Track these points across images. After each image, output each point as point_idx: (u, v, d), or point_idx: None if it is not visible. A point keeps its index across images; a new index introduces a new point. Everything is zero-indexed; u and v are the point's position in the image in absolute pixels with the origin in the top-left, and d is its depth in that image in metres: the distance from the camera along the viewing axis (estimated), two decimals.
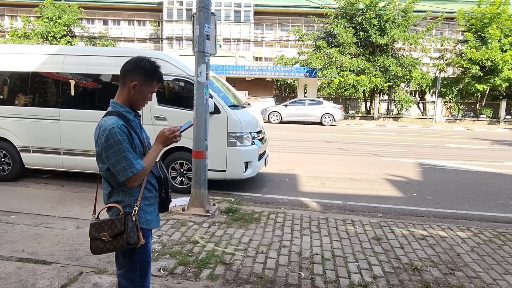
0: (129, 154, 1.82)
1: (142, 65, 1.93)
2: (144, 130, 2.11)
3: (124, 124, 1.85)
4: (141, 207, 1.94)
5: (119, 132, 1.80)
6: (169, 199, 2.12)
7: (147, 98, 1.97)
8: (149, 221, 1.99)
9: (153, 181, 2.02)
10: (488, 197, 6.43)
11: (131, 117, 1.95)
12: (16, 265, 3.27)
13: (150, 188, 2.00)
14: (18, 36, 28.55)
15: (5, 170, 6.39)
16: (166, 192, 2.07)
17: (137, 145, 1.91)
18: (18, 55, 6.37)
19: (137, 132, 1.94)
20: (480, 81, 24.90)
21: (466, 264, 3.67)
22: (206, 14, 4.58)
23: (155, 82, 1.96)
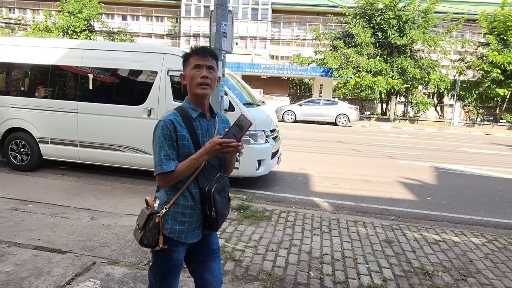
0: (162, 151, 1.70)
1: (183, 56, 1.85)
2: (220, 134, 1.84)
3: (172, 119, 1.72)
4: (171, 212, 1.78)
5: (162, 126, 1.71)
6: (219, 219, 1.81)
7: (194, 75, 1.75)
8: (177, 231, 1.79)
9: (193, 190, 1.79)
10: (504, 204, 6.30)
11: (194, 115, 1.78)
12: (32, 252, 3.36)
13: (187, 196, 1.78)
14: (40, 29, 29.14)
15: (24, 160, 6.56)
16: (210, 209, 1.76)
17: (187, 146, 1.73)
18: (38, 49, 6.52)
19: (196, 134, 1.76)
20: (501, 85, 24.28)
21: (479, 270, 3.61)
22: (224, 12, 4.61)
23: (192, 57, 1.77)
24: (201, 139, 1.77)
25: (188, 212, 1.79)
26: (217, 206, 1.75)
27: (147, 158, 6.06)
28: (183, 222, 1.79)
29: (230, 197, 1.92)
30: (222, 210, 1.81)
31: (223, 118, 1.99)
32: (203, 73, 1.75)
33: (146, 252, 3.52)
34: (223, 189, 1.82)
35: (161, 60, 5.97)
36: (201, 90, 1.76)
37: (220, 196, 1.79)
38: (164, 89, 5.91)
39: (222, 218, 1.84)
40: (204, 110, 1.83)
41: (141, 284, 2.92)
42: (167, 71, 5.92)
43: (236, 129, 1.69)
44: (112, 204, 5.06)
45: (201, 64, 1.75)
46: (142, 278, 3.01)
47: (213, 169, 1.82)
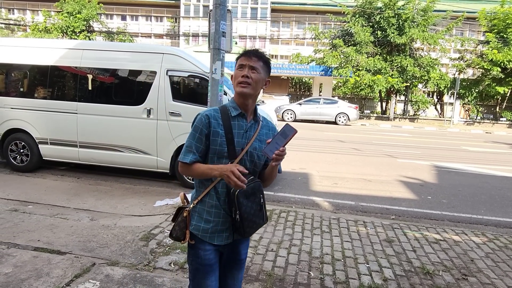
0: (188, 141, 1.75)
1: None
2: (264, 140, 1.81)
3: (209, 114, 1.74)
4: (198, 209, 1.79)
5: (198, 119, 1.75)
6: (246, 225, 1.72)
7: (237, 75, 1.77)
8: (201, 229, 1.78)
9: (220, 189, 1.76)
10: (505, 202, 6.28)
11: (234, 114, 1.77)
12: (32, 254, 3.35)
13: (213, 194, 1.77)
14: (39, 30, 29.11)
15: (24, 161, 6.55)
16: (235, 212, 1.69)
17: (219, 143, 1.72)
18: (37, 49, 6.50)
19: (231, 132, 1.73)
20: (501, 83, 24.27)
21: (480, 270, 3.60)
22: (222, 11, 4.59)
23: (240, 58, 1.79)
24: (237, 139, 1.75)
25: (213, 211, 1.77)
26: (242, 209, 1.68)
27: (147, 159, 6.05)
28: (208, 221, 1.78)
29: (263, 204, 1.80)
30: (249, 216, 1.71)
31: (269, 124, 1.93)
32: (244, 72, 1.74)
33: (146, 253, 3.51)
34: (252, 193, 1.72)
35: (160, 60, 5.96)
36: (240, 88, 1.74)
37: (249, 200, 1.70)
38: (164, 89, 5.89)
39: (251, 225, 1.74)
40: (246, 110, 1.81)
41: (140, 285, 2.91)
42: (166, 71, 5.90)
43: (280, 137, 1.66)
44: (112, 205, 5.05)
45: (244, 64, 1.75)
46: (142, 279, 3.00)
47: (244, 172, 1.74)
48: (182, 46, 37.97)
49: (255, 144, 1.79)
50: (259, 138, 1.82)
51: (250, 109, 1.83)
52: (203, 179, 1.79)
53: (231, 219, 1.74)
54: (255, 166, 1.82)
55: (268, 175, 1.87)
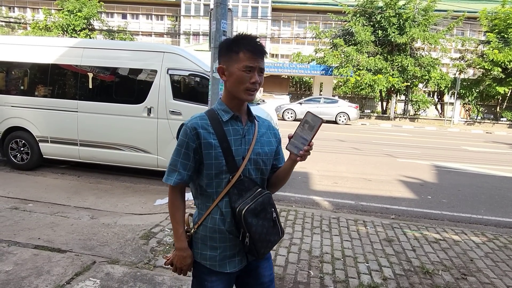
0: (172, 158, 1.50)
1: (223, 43, 1.54)
2: (266, 142, 1.60)
3: (195, 125, 1.47)
4: (200, 236, 1.54)
5: (182, 132, 1.49)
6: (259, 246, 1.48)
7: (243, 78, 1.44)
8: (208, 258, 1.53)
9: (224, 209, 1.50)
10: (505, 202, 6.29)
11: (225, 118, 1.50)
12: (32, 252, 3.36)
13: (215, 217, 1.51)
14: (39, 28, 29.07)
15: (24, 159, 6.56)
16: (244, 234, 1.45)
17: (214, 156, 1.46)
18: (38, 47, 6.51)
19: (227, 141, 1.47)
20: (501, 83, 24.24)
21: (480, 269, 3.60)
22: (223, 10, 4.59)
23: (243, 52, 1.44)
24: (234, 147, 1.48)
25: (217, 236, 1.51)
26: (252, 231, 1.43)
27: (147, 157, 6.05)
28: (214, 248, 1.52)
29: (276, 218, 1.55)
30: (261, 236, 1.46)
31: (265, 122, 1.68)
32: (255, 78, 1.46)
33: (146, 252, 3.52)
34: (262, 209, 1.48)
35: (161, 59, 5.96)
36: (249, 96, 1.48)
37: (259, 218, 1.46)
38: (164, 88, 5.90)
39: (265, 245, 1.50)
40: (239, 112, 1.54)
41: (140, 283, 2.92)
42: (167, 69, 5.91)
43: (305, 130, 1.44)
44: (112, 203, 5.06)
45: (253, 67, 1.45)
46: (142, 278, 3.01)
47: (250, 184, 1.51)
48: (182, 45, 37.95)
49: (257, 149, 1.55)
50: (260, 141, 1.57)
51: (244, 109, 1.57)
52: (202, 196, 1.56)
53: (240, 241, 1.50)
54: (262, 174, 1.58)
55: (283, 177, 1.64)
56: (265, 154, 1.57)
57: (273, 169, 1.65)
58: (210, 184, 1.50)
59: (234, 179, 1.48)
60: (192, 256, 1.55)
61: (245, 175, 1.51)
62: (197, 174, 1.53)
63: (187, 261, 1.54)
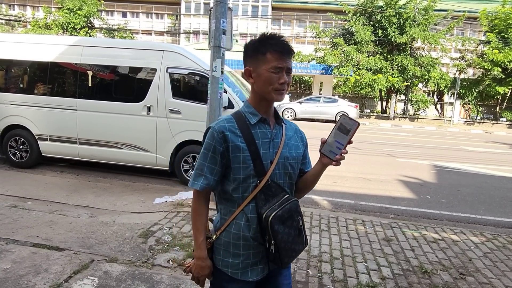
0: (199, 162, 1.46)
1: (248, 44, 1.50)
2: (293, 146, 1.56)
3: (223, 128, 1.42)
4: (223, 242, 1.49)
5: (209, 135, 1.45)
6: (284, 255, 1.43)
7: (271, 79, 1.41)
8: (230, 265, 1.48)
9: (250, 215, 1.45)
10: (504, 203, 6.29)
11: (253, 121, 1.46)
12: (31, 250, 3.36)
13: (240, 223, 1.46)
14: (39, 26, 29.04)
15: (23, 157, 6.55)
16: (269, 241, 1.40)
17: (242, 160, 1.42)
18: (38, 45, 6.49)
19: (255, 144, 1.43)
20: (501, 83, 24.26)
21: (478, 269, 3.60)
22: (223, 9, 4.58)
23: (271, 53, 1.41)
24: (262, 151, 1.44)
25: (241, 243, 1.46)
26: (277, 239, 1.39)
27: (146, 156, 6.05)
28: (237, 255, 1.47)
29: (302, 227, 1.51)
30: (287, 244, 1.42)
31: (292, 125, 1.65)
32: (284, 78, 1.43)
33: (144, 250, 3.51)
34: (289, 217, 1.44)
35: (161, 57, 5.95)
36: (279, 96, 1.45)
37: (285, 226, 1.41)
38: (164, 86, 5.89)
39: (290, 254, 1.45)
40: (267, 115, 1.50)
41: (139, 281, 2.92)
42: (166, 68, 5.90)
43: (340, 134, 1.39)
44: (111, 202, 5.05)
45: (281, 67, 1.42)
46: (140, 276, 3.00)
47: (277, 189, 1.47)
48: (182, 44, 37.92)
49: (285, 152, 1.51)
50: (288, 144, 1.53)
51: (271, 112, 1.53)
52: (227, 201, 1.51)
53: (264, 249, 1.46)
54: (290, 179, 1.54)
55: (311, 182, 1.59)
56: (293, 158, 1.53)
57: (299, 174, 1.60)
58: (237, 189, 1.45)
59: (262, 183, 1.43)
60: (211, 267, 1.50)
61: (273, 180, 1.46)
62: (222, 178, 1.49)
63: (205, 271, 1.49)
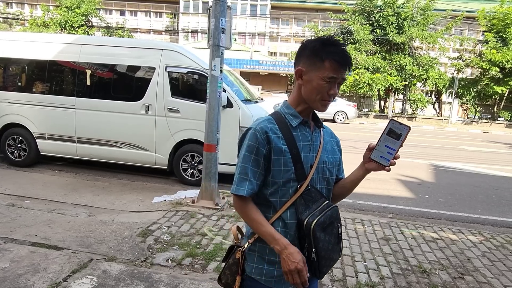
0: (240, 167, 1.36)
1: (307, 43, 1.40)
2: (330, 151, 1.50)
3: (265, 128, 1.36)
4: (258, 248, 1.41)
5: (250, 136, 1.36)
6: (323, 264, 1.36)
7: (322, 88, 1.34)
8: (264, 273, 1.40)
9: (289, 221, 1.37)
10: (502, 202, 6.31)
11: (295, 123, 1.40)
12: (29, 249, 3.35)
13: (278, 228, 1.37)
14: (37, 24, 28.94)
15: (21, 156, 6.53)
16: (310, 250, 1.32)
17: (283, 162, 1.35)
18: (36, 44, 6.47)
19: (296, 147, 1.37)
20: (499, 83, 24.30)
21: (477, 269, 3.61)
22: (222, 8, 4.57)
23: (330, 62, 1.33)
24: (303, 154, 1.39)
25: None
26: (319, 246, 1.32)
27: (145, 155, 6.04)
28: (273, 263, 1.39)
29: (341, 235, 1.46)
30: (327, 253, 1.35)
31: (327, 129, 1.59)
32: (334, 90, 1.37)
33: (143, 249, 3.51)
34: (330, 224, 1.38)
35: (159, 56, 5.94)
36: (323, 107, 1.40)
37: (326, 233, 1.35)
38: (162, 85, 5.88)
39: (328, 263, 1.39)
40: (307, 117, 1.45)
41: (138, 280, 2.91)
42: (165, 67, 5.89)
43: (391, 138, 1.33)
44: (110, 201, 5.04)
45: (336, 78, 1.35)
46: (139, 275, 3.00)
47: (317, 195, 1.40)
48: (181, 42, 37.84)
49: (324, 157, 1.45)
50: (326, 148, 1.48)
51: (311, 114, 1.48)
52: (260, 206, 1.41)
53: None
54: (328, 184, 1.48)
55: (349, 188, 1.54)
56: (331, 163, 1.48)
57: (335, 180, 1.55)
58: (275, 193, 1.38)
59: (303, 188, 1.37)
60: (299, 251, 1.33)
61: (312, 184, 1.40)
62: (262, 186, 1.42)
63: (298, 256, 1.30)
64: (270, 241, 1.34)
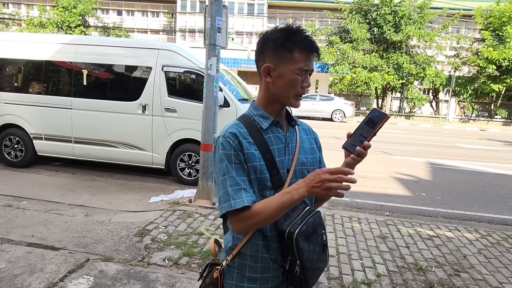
0: (227, 180, 1.18)
1: (269, 35, 1.26)
2: (308, 150, 1.37)
3: (235, 132, 1.22)
4: (237, 264, 1.29)
5: (224, 145, 1.21)
6: (309, 277, 1.23)
7: (296, 82, 1.23)
8: None
9: (269, 233, 1.24)
10: (498, 199, 6.34)
11: (265, 125, 1.27)
12: (26, 249, 3.35)
13: (258, 243, 1.25)
14: (34, 25, 28.83)
15: (18, 156, 6.51)
16: (293, 262, 1.20)
17: (258, 170, 1.21)
18: (32, 44, 6.46)
19: (269, 151, 1.24)
20: (496, 81, 24.38)
21: (472, 266, 3.63)
22: (218, 7, 4.58)
23: (299, 52, 1.21)
24: (278, 158, 1.25)
25: (259, 266, 1.26)
26: (303, 258, 1.19)
27: (142, 154, 6.04)
28: (254, 280, 1.27)
29: (326, 242, 1.31)
30: (313, 263, 1.22)
31: (304, 126, 1.46)
32: (308, 81, 1.26)
33: (140, 249, 3.51)
34: (314, 231, 1.24)
35: (156, 55, 5.93)
36: (297, 101, 1.28)
37: (310, 242, 1.22)
38: (159, 85, 5.87)
39: (315, 274, 1.26)
40: (279, 117, 1.31)
41: (134, 280, 2.92)
42: (161, 66, 5.89)
43: (366, 126, 1.25)
44: (107, 201, 5.04)
45: (308, 69, 1.24)
46: (135, 275, 3.00)
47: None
48: (178, 42, 37.80)
49: (302, 158, 1.32)
50: (303, 148, 1.35)
51: (283, 113, 1.35)
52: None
53: (285, 271, 1.26)
54: None
55: None
56: (310, 163, 1.35)
57: None
58: None
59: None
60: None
61: None
62: None
63: (310, 176, 1.11)
64: (292, 197, 1.12)
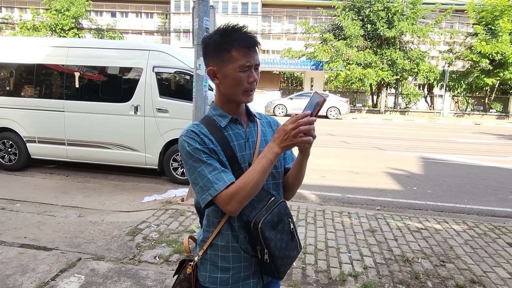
0: (204, 169, 1.21)
1: (207, 40, 1.31)
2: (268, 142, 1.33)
3: (194, 130, 1.27)
4: (209, 256, 1.33)
5: (186, 141, 1.24)
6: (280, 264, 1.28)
7: (240, 80, 1.26)
8: (219, 282, 1.31)
9: (236, 224, 1.29)
10: (488, 191, 6.43)
11: (223, 123, 1.31)
12: (18, 250, 3.40)
13: (227, 233, 1.30)
14: (27, 28, 28.78)
15: (12, 160, 6.55)
16: (262, 251, 1.25)
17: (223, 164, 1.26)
18: (23, 47, 6.49)
19: (230, 147, 1.29)
20: (489, 75, 24.53)
21: (458, 256, 3.71)
22: (205, 7, 4.63)
23: (236, 50, 1.25)
24: (239, 154, 1.30)
25: (231, 255, 1.31)
26: (271, 246, 1.24)
27: (135, 155, 6.09)
28: (226, 269, 1.31)
29: (294, 230, 1.36)
30: (281, 251, 1.28)
31: (267, 118, 1.50)
32: (253, 76, 1.29)
33: (132, 247, 3.57)
34: (279, 221, 1.29)
35: (147, 57, 5.98)
36: (248, 97, 1.31)
37: (276, 231, 1.27)
38: (150, 85, 5.92)
39: (286, 262, 1.31)
40: (237, 114, 1.36)
41: (125, 277, 2.98)
42: (152, 67, 5.93)
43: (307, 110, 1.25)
44: (100, 201, 5.09)
45: (250, 65, 1.27)
46: (126, 272, 3.06)
47: (262, 193, 1.30)
48: (173, 43, 37.77)
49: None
50: (265, 142, 1.38)
51: (242, 109, 1.39)
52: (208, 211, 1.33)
53: (257, 260, 1.31)
54: (274, 179, 1.39)
55: (296, 176, 1.42)
56: None
57: (284, 171, 1.46)
58: None
59: None
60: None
61: None
62: None
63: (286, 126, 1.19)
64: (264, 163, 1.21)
